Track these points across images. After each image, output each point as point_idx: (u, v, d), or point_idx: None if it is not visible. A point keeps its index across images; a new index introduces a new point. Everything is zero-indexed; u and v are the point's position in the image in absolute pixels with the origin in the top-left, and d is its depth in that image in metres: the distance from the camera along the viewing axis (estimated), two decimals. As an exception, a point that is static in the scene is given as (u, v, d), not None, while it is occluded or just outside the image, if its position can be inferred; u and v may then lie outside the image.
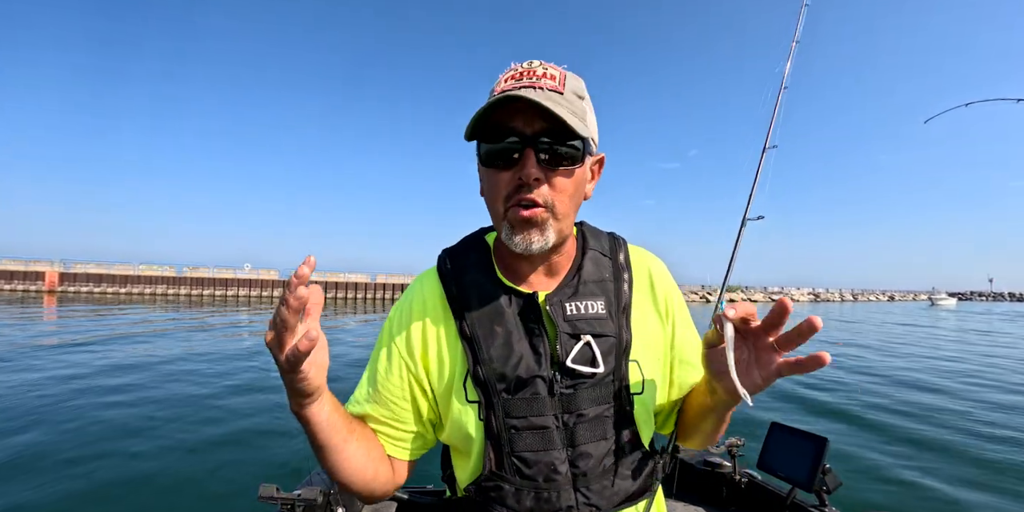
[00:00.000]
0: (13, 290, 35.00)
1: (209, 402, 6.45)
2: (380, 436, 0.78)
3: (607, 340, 0.73)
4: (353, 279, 42.62)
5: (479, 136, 0.70)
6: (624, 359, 0.74)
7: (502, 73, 0.71)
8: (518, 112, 0.66)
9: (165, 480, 4.06)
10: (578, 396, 0.71)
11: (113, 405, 6.15)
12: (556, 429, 0.70)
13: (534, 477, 0.69)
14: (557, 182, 0.69)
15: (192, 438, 5.05)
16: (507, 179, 0.68)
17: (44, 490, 3.81)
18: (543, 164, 0.67)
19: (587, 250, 0.81)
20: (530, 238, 0.69)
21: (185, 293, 37.91)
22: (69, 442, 4.86)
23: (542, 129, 0.66)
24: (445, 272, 0.79)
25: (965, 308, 55.65)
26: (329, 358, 0.62)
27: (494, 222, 0.75)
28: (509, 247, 0.72)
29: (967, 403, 7.34)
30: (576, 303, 0.74)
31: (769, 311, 0.56)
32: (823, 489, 1.75)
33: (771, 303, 0.59)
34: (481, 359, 0.71)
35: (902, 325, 24.87)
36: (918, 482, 4.33)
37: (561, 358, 0.71)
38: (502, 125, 0.67)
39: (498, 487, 0.70)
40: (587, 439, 0.71)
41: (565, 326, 0.72)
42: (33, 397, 6.45)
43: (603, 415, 0.72)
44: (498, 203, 0.70)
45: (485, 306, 0.74)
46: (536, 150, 0.67)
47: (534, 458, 0.69)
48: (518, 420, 0.70)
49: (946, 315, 36.41)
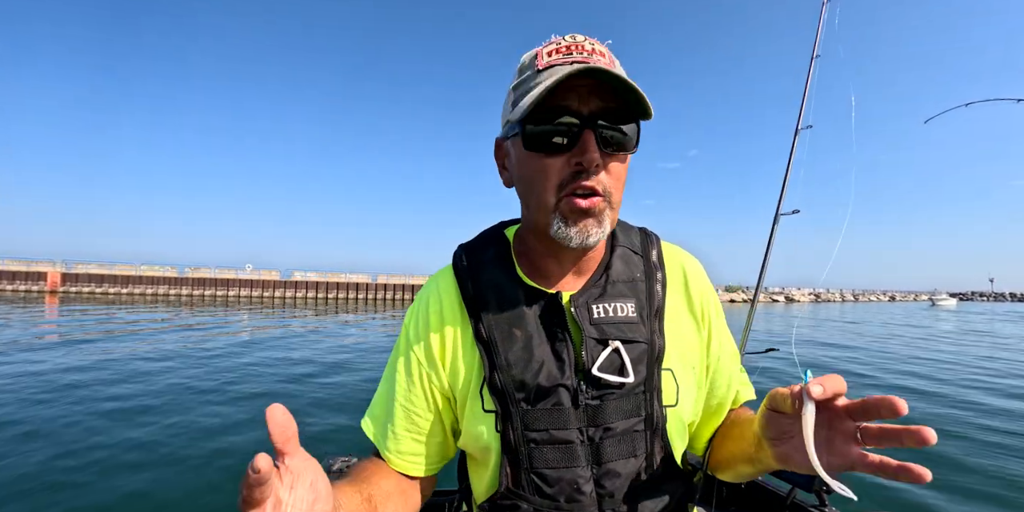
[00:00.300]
0: (15, 290, 35.06)
1: (209, 402, 6.44)
2: (404, 457, 0.72)
3: (638, 346, 0.66)
4: (354, 279, 42.64)
5: (524, 117, 0.61)
6: (656, 368, 0.67)
7: (540, 46, 0.64)
8: (571, 90, 0.59)
9: (166, 480, 4.04)
10: (605, 408, 0.64)
11: (112, 404, 6.14)
12: (580, 444, 0.64)
13: (555, 497, 0.63)
14: (613, 168, 0.63)
15: (192, 438, 5.03)
16: (560, 165, 0.61)
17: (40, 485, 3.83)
18: (601, 148, 0.61)
19: (616, 247, 0.74)
20: (587, 230, 0.63)
21: (187, 293, 37.94)
22: (64, 443, 4.86)
23: (599, 109, 0.60)
24: (461, 269, 0.73)
25: (965, 308, 55.73)
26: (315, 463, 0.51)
27: (536, 214, 0.66)
28: (561, 242, 0.64)
29: (965, 405, 7.32)
30: (604, 305, 0.68)
31: (869, 401, 0.47)
32: (823, 489, 1.74)
33: (771, 303, 0.54)
34: (498, 365, 0.65)
35: (901, 326, 24.79)
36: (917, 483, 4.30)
37: (587, 365, 0.64)
38: (553, 104, 0.60)
39: (515, 507, 0.65)
40: (615, 456, 0.64)
41: (591, 330, 0.66)
42: (30, 396, 6.47)
43: (633, 430, 0.65)
44: (547, 193, 0.63)
45: (503, 306, 0.68)
46: (596, 132, 0.60)
47: (555, 476, 0.63)
48: (538, 433, 0.64)
49: (946, 316, 36.25)
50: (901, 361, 11.44)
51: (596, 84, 0.60)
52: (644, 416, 0.66)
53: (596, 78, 0.59)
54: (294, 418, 0.46)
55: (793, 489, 1.82)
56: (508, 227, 0.80)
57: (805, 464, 0.50)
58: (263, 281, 40.04)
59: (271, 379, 8.02)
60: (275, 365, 9.25)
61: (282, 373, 8.53)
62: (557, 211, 0.63)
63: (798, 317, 30.58)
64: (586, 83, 0.60)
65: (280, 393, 7.10)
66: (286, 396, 6.95)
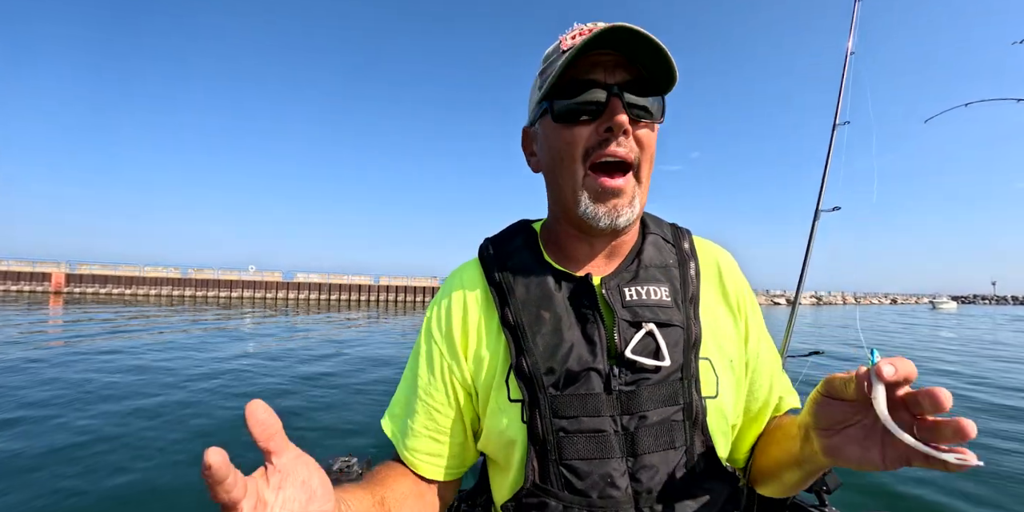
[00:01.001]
0: (20, 291, 35.25)
1: (208, 402, 6.45)
2: (421, 456, 0.69)
3: (673, 330, 0.63)
4: (356, 281, 42.70)
5: (552, 94, 0.63)
6: (694, 355, 0.63)
7: (565, 34, 0.64)
8: (597, 64, 0.61)
9: (165, 480, 4.05)
10: (640, 395, 0.60)
11: (111, 405, 6.16)
12: (614, 434, 0.59)
13: (587, 492, 0.58)
14: (643, 137, 0.63)
15: (192, 438, 5.04)
16: (588, 133, 0.61)
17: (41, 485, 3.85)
18: (629, 115, 0.61)
19: (648, 234, 0.73)
20: (617, 210, 0.62)
21: (190, 294, 38.05)
22: (64, 442, 4.89)
23: (624, 80, 0.61)
24: (487, 258, 0.72)
25: (966, 311, 55.90)
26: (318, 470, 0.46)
27: (563, 193, 0.66)
28: (588, 223, 0.63)
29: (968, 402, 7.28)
30: (637, 288, 0.65)
31: (918, 392, 0.43)
32: (823, 489, 1.74)
33: (772, 306, 0.51)
34: (526, 349, 0.62)
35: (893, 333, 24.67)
36: (918, 482, 4.29)
37: (619, 348, 0.61)
38: (581, 78, 0.61)
39: (543, 504, 0.59)
40: (651, 447, 0.59)
41: (624, 313, 0.63)
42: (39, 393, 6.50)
43: (670, 419, 0.60)
44: (575, 165, 0.63)
45: (531, 290, 0.66)
46: (622, 100, 0.60)
47: (587, 468, 0.59)
48: (568, 421, 0.60)
49: (946, 318, 36.16)
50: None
51: (620, 58, 0.61)
52: (683, 405, 0.61)
53: (620, 51, 0.60)
54: (302, 418, 0.43)
55: (793, 489, 1.82)
56: (533, 222, 0.78)
57: (856, 457, 0.48)
58: (266, 282, 40.15)
59: (269, 379, 8.03)
60: (275, 364, 9.26)
61: (281, 373, 8.54)
62: (585, 188, 0.63)
63: (856, 307, 30.33)
64: (612, 57, 0.61)
65: (277, 389, 7.11)
66: (281, 393, 6.97)
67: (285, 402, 6.66)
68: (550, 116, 0.64)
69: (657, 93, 0.63)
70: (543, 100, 0.64)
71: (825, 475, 1.75)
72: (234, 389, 7.30)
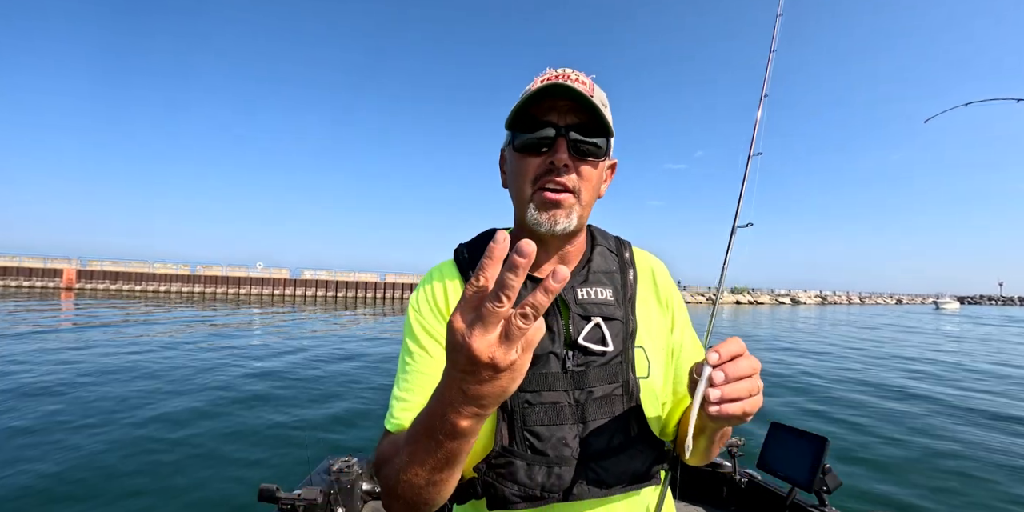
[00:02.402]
0: (32, 287, 35.77)
1: (209, 402, 6.51)
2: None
3: (615, 323, 0.77)
4: (364, 278, 42.92)
5: (515, 126, 0.76)
6: (630, 343, 0.78)
7: (537, 75, 0.78)
8: (553, 108, 0.74)
9: (164, 480, 4.10)
10: (588, 374, 0.74)
11: (112, 405, 6.25)
12: (568, 405, 0.73)
13: (545, 451, 0.71)
14: (583, 171, 0.76)
15: (193, 438, 5.09)
16: (537, 163, 0.75)
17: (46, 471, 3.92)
18: (572, 153, 0.74)
19: (596, 245, 0.87)
20: (555, 219, 0.75)
21: (199, 291, 38.45)
22: (68, 439, 4.96)
23: (573, 123, 0.74)
24: (462, 260, 0.84)
25: (970, 312, 56.84)
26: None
27: (518, 206, 0.80)
28: (533, 228, 0.76)
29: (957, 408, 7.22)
30: (587, 289, 0.79)
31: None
32: (823, 489, 1.75)
33: (778, 305, 0.56)
34: None
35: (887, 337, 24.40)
36: (918, 482, 4.28)
37: (573, 337, 0.75)
38: (538, 117, 0.75)
39: (509, 463, 0.71)
40: (597, 416, 0.73)
41: (577, 308, 0.77)
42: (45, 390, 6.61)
43: (612, 394, 0.75)
44: (526, 185, 0.76)
45: None
46: (567, 140, 0.74)
47: (546, 433, 0.71)
48: (531, 394, 0.72)
49: (949, 319, 36.15)
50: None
51: (574, 104, 0.74)
52: (621, 383, 0.76)
53: (565, 96, 0.73)
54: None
55: (793, 489, 1.83)
56: (502, 230, 0.87)
57: (726, 416, 0.58)
58: (273, 279, 40.44)
59: (269, 379, 8.10)
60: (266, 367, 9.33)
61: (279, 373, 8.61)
62: (532, 201, 0.76)
63: (803, 316, 30.40)
64: (566, 103, 0.74)
65: (277, 388, 7.18)
66: (281, 392, 7.03)
67: (280, 400, 6.72)
68: (512, 145, 0.78)
69: (604, 135, 0.76)
70: (508, 130, 0.78)
71: (825, 475, 1.77)
72: (232, 389, 7.36)
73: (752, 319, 29.83)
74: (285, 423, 5.64)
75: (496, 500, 0.72)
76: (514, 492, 0.71)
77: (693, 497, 2.15)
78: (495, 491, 0.72)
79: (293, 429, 5.43)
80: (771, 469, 1.84)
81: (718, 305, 1.20)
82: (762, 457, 1.88)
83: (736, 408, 0.56)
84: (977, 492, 4.23)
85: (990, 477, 4.58)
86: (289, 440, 5.06)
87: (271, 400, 6.63)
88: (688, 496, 2.16)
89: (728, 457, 2.15)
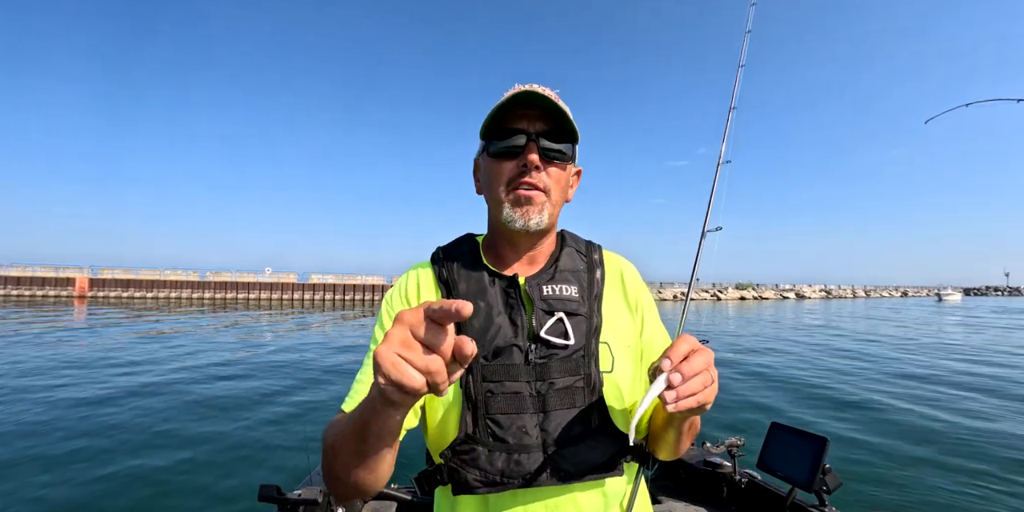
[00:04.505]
0: (45, 295, 36.33)
1: (208, 402, 6.55)
2: None
3: (579, 319, 0.81)
4: (370, 281, 43.16)
5: (489, 135, 0.82)
6: (594, 338, 0.81)
7: (506, 92, 0.82)
8: (523, 117, 0.80)
9: (165, 480, 4.13)
10: (550, 366, 0.77)
11: (113, 405, 6.34)
12: (529, 396, 0.76)
13: (505, 439, 0.74)
14: (552, 172, 0.82)
15: (192, 438, 5.13)
16: (511, 167, 0.80)
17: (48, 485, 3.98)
18: (542, 156, 0.80)
19: (565, 246, 0.91)
20: (529, 215, 0.80)
21: (209, 297, 38.86)
22: (68, 439, 5.03)
23: (543, 130, 0.80)
24: (437, 260, 0.89)
25: (968, 303, 57.74)
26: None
27: (492, 208, 0.85)
28: (508, 226, 0.81)
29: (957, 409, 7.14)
30: (552, 286, 0.83)
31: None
32: (823, 489, 1.73)
33: (782, 300, 0.56)
34: (464, 328, 0.78)
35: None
36: (919, 482, 4.22)
37: (536, 331, 0.78)
38: (509, 126, 0.81)
39: (472, 450, 0.74)
40: (557, 406, 0.76)
41: (541, 304, 0.80)
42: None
43: (573, 386, 0.77)
44: (500, 188, 0.81)
45: (470, 284, 0.83)
46: (537, 144, 0.80)
47: (507, 421, 0.74)
48: (494, 384, 0.75)
49: (951, 311, 36.40)
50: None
51: (541, 113, 0.81)
52: (583, 376, 0.78)
53: (537, 106, 0.80)
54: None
55: (793, 489, 1.81)
56: (477, 236, 0.96)
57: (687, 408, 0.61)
58: (282, 284, 40.80)
59: (268, 379, 8.15)
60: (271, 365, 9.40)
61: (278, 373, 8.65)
62: (507, 201, 0.81)
63: (806, 312, 30.19)
64: (535, 112, 0.81)
65: (275, 388, 7.23)
66: (278, 391, 7.07)
67: (280, 398, 6.76)
68: (487, 152, 0.84)
69: (569, 141, 0.83)
70: (482, 139, 0.85)
71: (825, 475, 1.75)
72: (233, 389, 7.40)
73: (756, 313, 29.64)
74: (285, 424, 5.68)
75: (460, 485, 0.75)
76: (476, 477, 0.74)
77: (693, 497, 2.14)
78: (459, 476, 0.75)
79: (293, 429, 5.47)
80: (771, 469, 1.83)
81: (688, 305, 1.21)
82: (762, 457, 1.87)
83: (692, 401, 0.59)
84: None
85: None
86: (289, 440, 5.09)
87: (275, 400, 6.68)
88: (688, 496, 2.15)
89: (728, 457, 2.14)
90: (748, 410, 6.54)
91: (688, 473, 2.21)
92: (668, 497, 2.13)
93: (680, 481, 2.25)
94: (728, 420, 5.95)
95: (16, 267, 38.21)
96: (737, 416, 6.21)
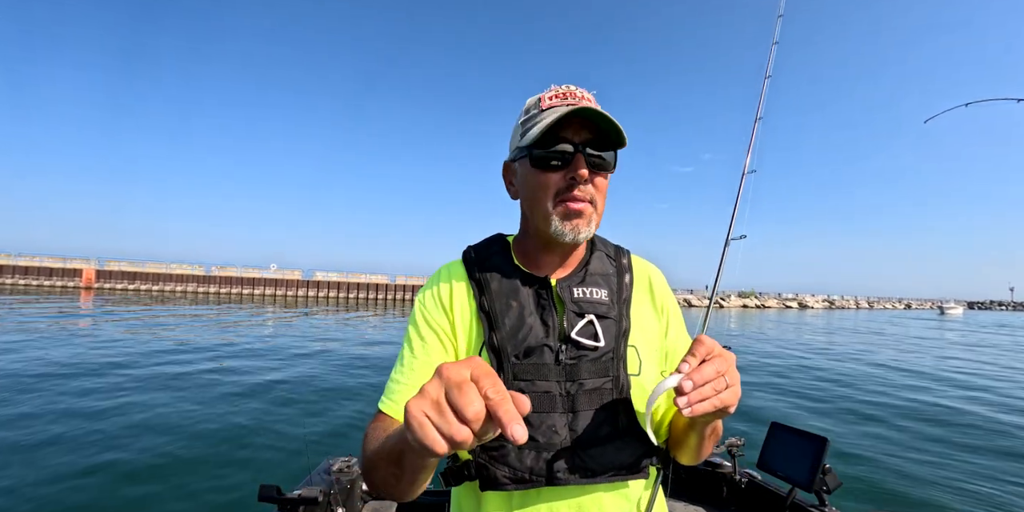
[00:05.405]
0: (52, 286, 36.62)
1: (209, 402, 6.52)
2: None
3: (608, 322, 0.82)
4: (374, 280, 43.26)
5: (532, 144, 0.79)
6: (623, 341, 0.82)
7: (543, 92, 0.83)
8: (568, 124, 0.78)
9: (165, 480, 4.11)
10: (580, 367, 0.78)
11: (114, 405, 6.31)
12: (559, 395, 0.77)
13: (536, 437, 0.75)
14: (598, 183, 0.82)
15: (192, 437, 5.10)
16: (557, 179, 0.79)
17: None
18: (588, 167, 0.79)
19: (595, 250, 0.92)
20: (579, 229, 0.80)
21: (214, 291, 39.03)
22: (67, 439, 5.06)
23: (588, 139, 0.79)
24: (469, 259, 0.89)
25: (969, 318, 56.83)
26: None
27: (538, 220, 0.83)
28: (556, 238, 0.81)
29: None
30: (583, 289, 0.84)
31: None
32: (823, 489, 1.74)
33: (785, 309, 0.58)
34: (497, 327, 0.80)
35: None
36: (918, 482, 4.20)
37: (567, 332, 0.79)
38: (554, 134, 0.78)
39: (502, 447, 0.75)
40: (586, 406, 0.77)
41: (572, 306, 0.81)
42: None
43: (602, 388, 0.78)
44: (547, 200, 0.80)
45: (503, 285, 0.84)
46: (584, 155, 0.79)
47: (537, 420, 0.75)
48: (525, 383, 0.76)
49: (952, 326, 35.93)
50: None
51: (585, 121, 0.79)
52: (611, 378, 0.79)
53: (586, 117, 0.78)
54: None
55: (793, 489, 1.81)
56: (507, 236, 0.97)
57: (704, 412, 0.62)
58: (286, 280, 40.93)
59: (268, 379, 8.16)
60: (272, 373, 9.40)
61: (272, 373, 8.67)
62: (555, 213, 0.80)
63: (807, 318, 29.99)
64: (579, 121, 0.79)
65: (275, 387, 7.25)
66: (276, 392, 7.09)
67: (280, 399, 6.78)
68: (529, 160, 0.81)
69: (612, 149, 0.82)
70: (524, 147, 0.81)
71: (825, 475, 1.75)
72: (234, 389, 7.42)
73: (757, 323, 29.46)
74: (285, 422, 5.69)
75: (488, 481, 0.75)
76: (505, 474, 0.74)
77: (693, 497, 2.15)
78: (487, 473, 0.75)
79: (292, 429, 5.46)
80: (771, 469, 1.83)
81: (711, 310, 1.22)
82: (762, 457, 1.87)
83: (707, 405, 0.60)
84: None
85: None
86: (289, 439, 5.09)
87: (275, 400, 6.71)
88: (688, 496, 2.15)
89: (728, 457, 2.14)
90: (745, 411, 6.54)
91: (688, 473, 2.22)
92: (667, 497, 2.13)
93: (680, 481, 2.25)
94: (728, 420, 5.94)
95: (24, 257, 38.56)
96: (737, 415, 6.21)
